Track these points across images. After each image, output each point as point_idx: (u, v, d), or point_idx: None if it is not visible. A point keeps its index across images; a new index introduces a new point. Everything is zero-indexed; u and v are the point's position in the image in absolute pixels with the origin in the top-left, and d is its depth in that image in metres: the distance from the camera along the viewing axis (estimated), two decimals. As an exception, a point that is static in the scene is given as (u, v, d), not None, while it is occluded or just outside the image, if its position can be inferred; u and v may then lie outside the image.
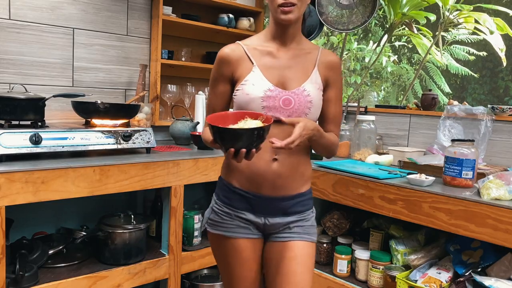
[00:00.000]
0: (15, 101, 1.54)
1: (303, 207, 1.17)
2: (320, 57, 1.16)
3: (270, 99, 1.08)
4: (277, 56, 1.13)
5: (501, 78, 2.07)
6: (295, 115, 1.10)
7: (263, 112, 1.07)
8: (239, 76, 1.12)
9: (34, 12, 1.85)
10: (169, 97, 2.25)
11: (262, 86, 1.08)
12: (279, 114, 1.08)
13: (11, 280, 1.39)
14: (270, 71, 1.11)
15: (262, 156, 1.09)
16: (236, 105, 1.13)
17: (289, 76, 1.11)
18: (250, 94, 1.08)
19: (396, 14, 2.72)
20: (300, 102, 1.09)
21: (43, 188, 1.38)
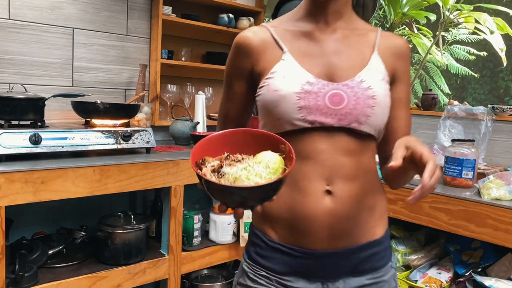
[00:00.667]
0: (14, 101, 1.54)
1: (379, 261, 0.80)
2: (381, 40, 0.83)
3: (310, 96, 0.74)
4: (318, 39, 0.81)
5: (501, 78, 2.07)
6: (349, 120, 0.74)
7: (300, 115, 0.74)
8: (263, 68, 0.80)
9: (34, 12, 1.85)
10: (169, 97, 2.24)
11: (297, 78, 0.75)
12: (325, 118, 0.74)
13: (10, 280, 1.39)
14: (308, 57, 0.79)
15: (308, 188, 0.75)
16: (260, 108, 0.81)
17: (337, 64, 0.78)
18: (280, 90, 0.75)
19: (396, 14, 2.72)
20: (357, 98, 0.74)
21: (43, 188, 1.38)
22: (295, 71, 0.76)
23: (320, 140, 0.75)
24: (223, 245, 1.98)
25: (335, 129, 0.75)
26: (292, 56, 0.78)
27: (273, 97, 0.76)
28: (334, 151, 0.75)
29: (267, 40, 0.81)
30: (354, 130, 0.76)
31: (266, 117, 0.79)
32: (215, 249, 1.96)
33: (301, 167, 0.74)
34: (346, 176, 0.75)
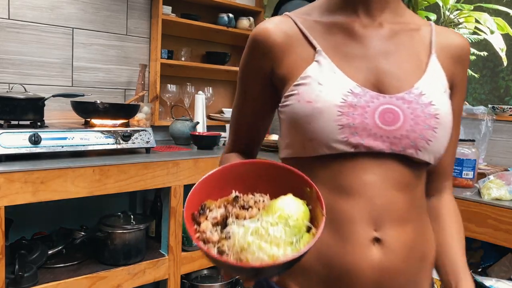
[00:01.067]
0: (14, 101, 1.53)
1: None
2: (437, 38, 0.66)
3: (355, 112, 0.57)
4: (360, 35, 0.63)
5: (501, 78, 2.07)
6: (404, 145, 0.58)
7: (341, 136, 0.57)
8: (289, 71, 0.63)
9: (34, 12, 1.85)
10: (169, 97, 2.24)
11: (338, 86, 0.59)
12: (373, 140, 0.58)
13: (10, 281, 1.39)
14: (348, 59, 0.62)
15: (351, 234, 0.58)
16: (286, 124, 0.63)
17: (387, 69, 0.61)
18: (315, 102, 0.58)
19: (396, 14, 2.71)
20: (415, 117, 0.58)
21: (43, 188, 1.38)
22: (334, 77, 0.59)
23: (366, 169, 0.58)
24: (223, 245, 1.98)
25: (385, 155, 0.59)
26: (328, 56, 0.61)
27: (305, 110, 0.58)
28: (384, 184, 0.58)
29: (293, 34, 0.64)
30: (410, 158, 0.59)
31: (294, 135, 0.61)
32: (215, 249, 1.95)
33: (341, 206, 0.58)
34: (398, 218, 0.58)
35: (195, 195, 0.53)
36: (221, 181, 0.55)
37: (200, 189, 0.53)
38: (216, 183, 0.54)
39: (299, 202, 0.51)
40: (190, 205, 0.51)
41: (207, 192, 0.54)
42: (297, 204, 0.50)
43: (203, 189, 0.53)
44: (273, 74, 0.65)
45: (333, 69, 0.60)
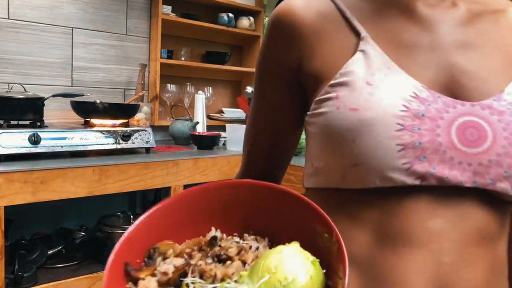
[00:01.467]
0: (14, 100, 1.53)
1: None
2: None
3: (423, 125, 0.41)
4: (425, 17, 0.46)
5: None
6: (494, 175, 0.41)
7: (401, 162, 0.40)
8: (323, 66, 0.46)
9: (33, 12, 1.84)
10: (169, 97, 2.24)
11: (396, 87, 0.42)
12: (448, 169, 0.40)
13: (10, 281, 1.38)
14: (409, 51, 0.45)
15: (402, 277, 0.41)
16: (318, 142, 0.45)
17: (465, 66, 0.44)
18: (362, 110, 0.41)
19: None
20: (510, 134, 0.41)
21: (42, 188, 1.38)
22: (389, 75, 0.42)
23: (434, 211, 0.40)
24: (223, 245, 1.98)
25: (463, 191, 0.40)
26: (379, 46, 0.43)
27: (348, 121, 0.40)
28: (457, 235, 0.40)
29: (329, 14, 0.46)
30: (499, 196, 0.41)
31: (329, 158, 0.43)
32: (215, 249, 1.95)
33: (391, 261, 0.40)
34: (473, 283, 0.40)
35: (138, 235, 0.34)
36: (188, 213, 0.37)
37: (148, 224, 0.34)
38: (179, 215, 0.36)
39: (308, 259, 0.32)
40: (123, 251, 0.33)
41: (161, 231, 0.36)
42: (303, 262, 0.31)
43: (153, 226, 0.35)
44: (301, 69, 0.47)
45: (386, 63, 0.42)
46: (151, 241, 0.36)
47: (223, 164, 1.87)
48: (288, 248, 0.33)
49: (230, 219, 0.38)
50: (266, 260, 0.32)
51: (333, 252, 0.32)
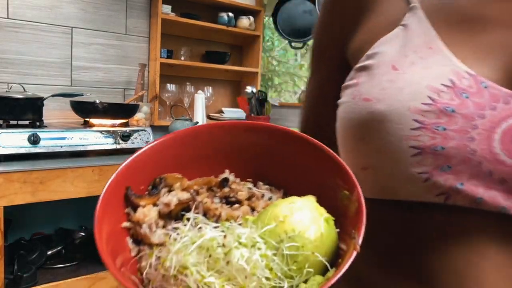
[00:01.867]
0: (13, 100, 1.53)
1: None
2: None
3: (449, 124, 0.31)
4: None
5: None
6: None
7: (416, 171, 0.31)
8: (360, 42, 0.40)
9: (33, 11, 1.84)
10: (168, 96, 2.24)
11: (427, 74, 0.33)
12: (485, 189, 0.30)
13: (9, 281, 1.38)
14: (472, 26, 0.34)
15: None
16: (338, 138, 0.40)
17: None
18: (375, 101, 0.34)
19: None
20: None
21: (42, 188, 1.37)
22: (427, 58, 0.34)
23: (469, 245, 0.31)
24: (223, 246, 1.98)
25: (509, 220, 0.31)
26: (430, 19, 0.35)
27: (360, 115, 0.35)
28: (506, 274, 0.30)
29: None
30: None
31: (343, 155, 0.38)
32: (215, 250, 1.95)
33: None
34: None
35: (145, 161, 0.32)
36: (201, 148, 0.34)
37: (157, 152, 0.33)
38: (192, 150, 0.34)
39: (322, 215, 0.29)
40: (126, 175, 0.31)
41: (171, 162, 0.34)
42: (316, 217, 0.28)
43: (163, 156, 0.33)
44: (347, 43, 0.41)
45: (430, 42, 0.34)
46: (158, 170, 0.33)
47: (223, 164, 1.87)
48: (302, 201, 0.30)
49: (245, 164, 0.35)
50: (275, 208, 0.29)
51: (350, 212, 0.28)
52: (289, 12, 2.50)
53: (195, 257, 0.26)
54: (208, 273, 0.25)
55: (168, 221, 0.31)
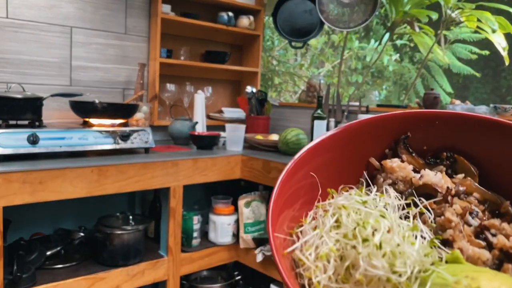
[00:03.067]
0: (12, 100, 1.52)
1: None
2: None
3: None
4: None
5: (503, 77, 2.05)
6: None
7: None
8: None
9: (32, 11, 1.83)
10: (168, 96, 2.23)
11: None
12: None
13: (8, 282, 1.38)
14: None
15: None
16: None
17: None
18: None
19: (397, 13, 2.70)
20: None
21: (41, 189, 1.37)
22: None
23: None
24: (223, 246, 1.97)
25: None
26: None
27: None
28: None
29: None
30: None
31: None
32: (215, 250, 1.95)
33: None
34: None
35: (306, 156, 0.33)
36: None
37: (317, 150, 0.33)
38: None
39: None
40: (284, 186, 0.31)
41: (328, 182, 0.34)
42: None
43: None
44: None
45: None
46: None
47: (223, 164, 1.86)
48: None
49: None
50: (480, 275, 0.25)
51: None
52: (289, 11, 2.49)
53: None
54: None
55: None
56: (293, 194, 0.33)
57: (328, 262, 0.27)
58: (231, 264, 2.14)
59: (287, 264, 0.29)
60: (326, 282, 0.27)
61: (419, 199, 0.31)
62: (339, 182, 0.34)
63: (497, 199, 0.31)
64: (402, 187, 0.32)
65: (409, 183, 0.31)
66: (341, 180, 0.34)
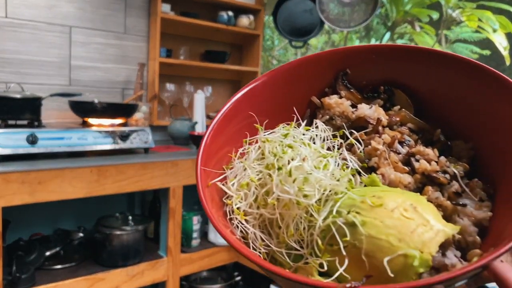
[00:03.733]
0: (11, 100, 1.52)
1: None
2: None
3: None
4: None
5: (504, 77, 2.07)
6: None
7: None
8: None
9: (31, 11, 1.83)
10: (168, 96, 2.22)
11: None
12: None
13: (8, 282, 1.37)
14: None
15: None
16: None
17: None
18: None
19: (398, 12, 2.69)
20: None
21: (40, 189, 1.36)
22: None
23: None
24: (223, 247, 1.97)
25: None
26: None
27: None
28: None
29: None
30: None
31: None
32: (215, 251, 1.94)
33: None
34: None
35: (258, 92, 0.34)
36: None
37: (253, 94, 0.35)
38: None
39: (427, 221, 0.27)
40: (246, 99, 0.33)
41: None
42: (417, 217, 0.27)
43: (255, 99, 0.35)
44: None
45: None
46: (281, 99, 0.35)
47: (223, 164, 1.85)
48: (424, 206, 0.28)
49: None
50: (390, 194, 0.28)
51: None
52: (290, 11, 2.49)
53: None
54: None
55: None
56: (233, 136, 0.34)
57: (249, 191, 0.30)
58: (231, 265, 2.14)
59: (214, 195, 0.31)
60: (246, 208, 0.30)
61: (350, 131, 0.33)
62: (282, 122, 0.35)
63: (430, 128, 0.33)
64: (339, 122, 0.35)
65: (346, 118, 0.34)
66: (286, 120, 0.35)
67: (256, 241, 0.29)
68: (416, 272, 0.24)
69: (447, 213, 0.29)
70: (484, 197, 0.30)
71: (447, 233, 0.26)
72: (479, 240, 0.28)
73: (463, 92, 0.32)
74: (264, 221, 0.30)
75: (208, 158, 0.32)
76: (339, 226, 0.26)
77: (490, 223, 0.29)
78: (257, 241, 0.29)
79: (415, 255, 0.24)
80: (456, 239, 0.28)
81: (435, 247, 0.25)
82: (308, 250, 0.28)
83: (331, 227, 0.27)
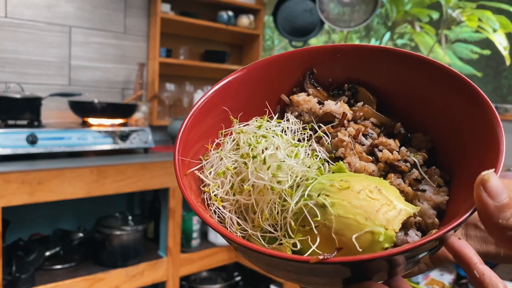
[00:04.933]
0: (11, 100, 1.52)
1: None
2: None
3: None
4: None
5: (504, 77, 2.05)
6: None
7: None
8: None
9: (31, 10, 1.83)
10: (168, 96, 2.22)
11: None
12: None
13: (7, 282, 1.37)
14: None
15: None
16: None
17: None
18: None
19: (398, 12, 2.69)
20: None
21: (40, 189, 1.36)
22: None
23: None
24: (223, 247, 1.96)
25: None
26: None
27: None
28: None
29: None
30: None
31: None
32: (215, 251, 1.94)
33: None
34: None
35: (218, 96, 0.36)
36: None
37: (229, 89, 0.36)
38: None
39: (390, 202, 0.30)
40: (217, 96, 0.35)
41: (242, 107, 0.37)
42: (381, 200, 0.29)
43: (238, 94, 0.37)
44: None
45: None
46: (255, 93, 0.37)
47: (223, 164, 1.85)
48: (387, 191, 0.31)
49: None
50: (356, 178, 0.31)
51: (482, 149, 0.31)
52: (290, 10, 2.49)
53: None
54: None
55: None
56: (209, 129, 0.36)
57: (225, 178, 0.32)
58: (231, 265, 2.14)
59: (192, 184, 0.33)
60: (223, 195, 0.32)
61: (318, 125, 0.36)
62: (255, 116, 0.38)
63: (391, 122, 0.37)
64: (307, 118, 0.38)
65: (314, 114, 0.38)
66: (258, 115, 0.38)
67: (232, 225, 0.31)
68: (381, 247, 0.27)
69: (408, 198, 0.33)
70: (441, 183, 0.34)
71: (409, 212, 0.29)
72: (437, 222, 0.31)
73: (417, 87, 0.35)
74: (240, 207, 0.32)
75: (185, 149, 0.33)
76: (310, 208, 0.29)
77: (447, 206, 0.32)
78: (233, 226, 0.31)
79: (380, 232, 0.27)
80: (417, 221, 0.31)
81: (398, 224, 0.28)
82: (282, 233, 0.30)
83: (303, 209, 0.29)
